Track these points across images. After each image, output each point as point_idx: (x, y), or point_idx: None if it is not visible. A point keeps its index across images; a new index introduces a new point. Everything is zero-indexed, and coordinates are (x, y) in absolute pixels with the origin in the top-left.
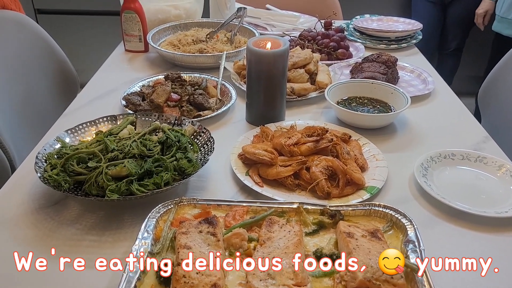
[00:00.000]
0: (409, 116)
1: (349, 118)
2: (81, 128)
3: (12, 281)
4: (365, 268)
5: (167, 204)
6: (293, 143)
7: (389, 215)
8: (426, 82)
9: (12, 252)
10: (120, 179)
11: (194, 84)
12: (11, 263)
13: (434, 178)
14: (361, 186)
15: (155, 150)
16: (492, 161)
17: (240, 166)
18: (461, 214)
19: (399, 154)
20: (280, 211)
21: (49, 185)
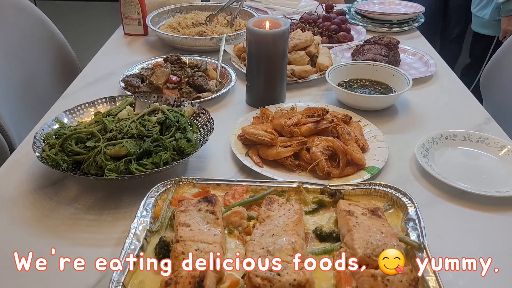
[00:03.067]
0: (410, 98)
1: (350, 99)
2: (80, 109)
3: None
4: (365, 244)
5: (166, 184)
6: (293, 123)
7: (389, 194)
8: (428, 65)
9: (12, 231)
10: (118, 159)
11: (194, 66)
12: (10, 260)
13: (435, 159)
14: (362, 166)
15: (154, 130)
16: (494, 141)
17: (240, 147)
18: (462, 194)
19: (400, 135)
20: (280, 190)
21: (47, 164)
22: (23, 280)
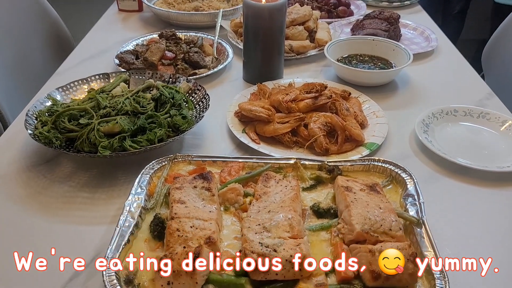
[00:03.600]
0: (411, 73)
1: (349, 75)
2: (73, 86)
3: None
4: (363, 220)
5: (161, 161)
6: (291, 99)
7: (388, 170)
8: (429, 40)
9: (6, 209)
10: (112, 136)
11: (190, 42)
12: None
13: (436, 135)
14: (361, 142)
15: (148, 107)
16: (495, 116)
17: (237, 123)
18: (462, 169)
19: (400, 111)
20: (277, 166)
21: (40, 142)
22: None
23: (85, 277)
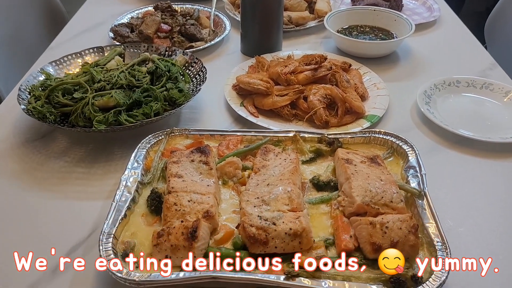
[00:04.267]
0: (412, 44)
1: (350, 46)
2: (67, 60)
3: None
4: (363, 192)
5: (158, 135)
6: (290, 71)
7: (389, 142)
8: (431, 10)
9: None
10: (107, 110)
11: (186, 14)
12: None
13: (438, 106)
14: (361, 114)
15: (144, 80)
16: (498, 87)
17: (235, 97)
18: (464, 141)
19: (401, 83)
20: (276, 140)
21: (33, 117)
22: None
23: (81, 253)
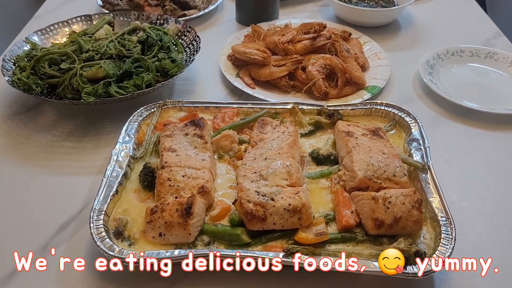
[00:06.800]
0: (414, 13)
1: (350, 14)
2: (53, 29)
3: None
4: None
5: (150, 107)
6: (288, 40)
7: (391, 113)
8: None
9: None
10: (96, 82)
11: None
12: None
13: (441, 76)
14: (362, 85)
15: (135, 50)
16: (503, 57)
17: (230, 67)
18: (468, 112)
19: (403, 52)
20: (274, 112)
21: (18, 89)
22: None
23: (71, 230)
